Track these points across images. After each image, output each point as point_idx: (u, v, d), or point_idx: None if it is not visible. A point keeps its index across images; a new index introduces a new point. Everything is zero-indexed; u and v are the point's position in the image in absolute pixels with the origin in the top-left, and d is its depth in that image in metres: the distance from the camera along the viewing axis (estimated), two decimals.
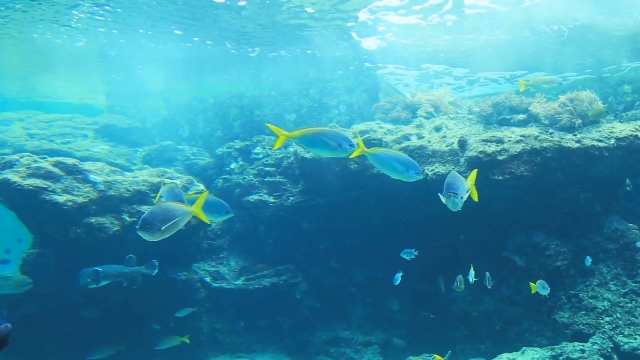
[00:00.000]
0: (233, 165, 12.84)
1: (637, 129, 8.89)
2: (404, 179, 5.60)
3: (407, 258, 8.80)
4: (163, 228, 5.26)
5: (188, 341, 9.71)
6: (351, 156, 5.31)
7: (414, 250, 8.82)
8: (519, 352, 8.48)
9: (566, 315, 8.92)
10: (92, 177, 9.76)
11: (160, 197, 6.73)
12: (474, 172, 5.47)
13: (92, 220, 9.39)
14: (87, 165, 10.05)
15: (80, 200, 9.32)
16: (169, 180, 9.57)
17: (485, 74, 14.29)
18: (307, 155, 10.42)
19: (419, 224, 10.28)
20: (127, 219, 9.76)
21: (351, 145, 5.41)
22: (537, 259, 9.33)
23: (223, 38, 12.88)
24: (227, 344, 11.27)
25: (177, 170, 12.68)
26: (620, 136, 8.78)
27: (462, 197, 4.97)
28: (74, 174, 9.62)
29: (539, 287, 7.70)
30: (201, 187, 11.22)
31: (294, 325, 11.58)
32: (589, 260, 8.82)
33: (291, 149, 11.42)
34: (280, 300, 11.34)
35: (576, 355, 8.03)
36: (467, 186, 5.18)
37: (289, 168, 11.88)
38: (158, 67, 15.10)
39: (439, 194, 5.13)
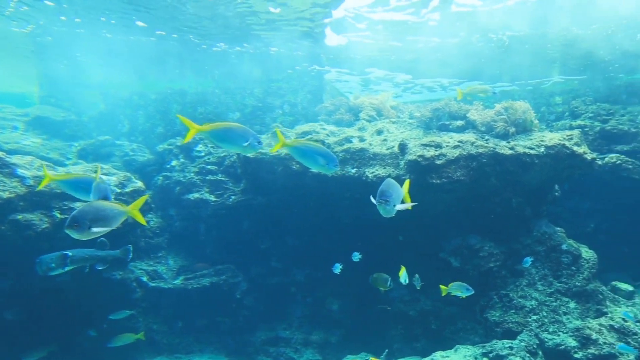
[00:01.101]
0: (174, 163, 12.52)
1: (564, 138, 9.38)
2: (323, 171, 5.65)
3: (355, 260, 8.87)
4: (93, 227, 5.03)
5: (143, 338, 9.61)
6: (272, 150, 5.29)
7: (358, 253, 8.91)
8: (452, 350, 8.72)
9: (497, 314, 9.28)
10: (20, 171, 9.21)
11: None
12: (407, 182, 5.56)
13: (19, 217, 8.87)
14: (15, 159, 9.49)
15: (5, 195, 8.78)
16: (98, 175, 9.12)
17: (424, 81, 14.59)
18: (249, 155, 10.31)
19: (359, 225, 10.40)
20: (58, 215, 9.27)
21: (259, 143, 5.40)
22: (471, 260, 9.66)
23: (168, 29, 12.47)
24: (164, 345, 10.97)
25: (115, 166, 12.20)
26: (550, 144, 9.24)
27: (394, 205, 5.03)
28: (0, 168, 9.05)
29: (453, 289, 7.70)
30: (139, 184, 10.85)
31: (234, 325, 11.45)
32: (527, 261, 9.20)
33: None
34: (220, 300, 11.18)
35: (505, 352, 8.38)
36: (402, 194, 5.25)
37: (231, 167, 11.72)
38: (97, 58, 14.47)
39: (371, 198, 5.20)
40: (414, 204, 5.31)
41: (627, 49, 11.96)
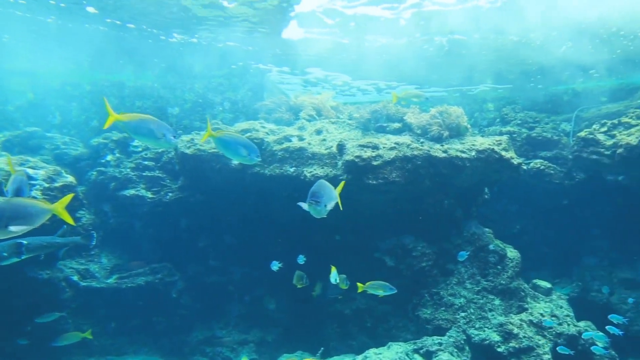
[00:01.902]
0: (109, 158, 12.06)
1: (494, 144, 9.85)
2: (244, 162, 5.66)
3: (301, 263, 8.92)
4: (11, 226, 4.77)
5: (90, 337, 9.28)
6: (201, 140, 5.27)
7: (303, 256, 8.99)
8: (385, 347, 8.97)
9: (428, 312, 9.64)
10: None
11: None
12: (342, 184, 5.67)
13: None
14: None
15: None
16: (11, 165, 8.56)
17: (360, 84, 14.71)
18: (187, 151, 10.13)
19: (298, 224, 10.46)
20: None
21: (175, 136, 5.34)
22: (405, 259, 9.97)
23: (115, 17, 11.86)
24: (95, 347, 10.57)
25: (44, 159, 11.57)
26: (480, 149, 9.69)
27: (325, 206, 5.12)
28: None
29: (372, 288, 7.75)
30: (70, 179, 10.36)
31: (170, 325, 11.23)
32: (463, 255, 9.58)
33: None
34: (155, 300, 10.92)
35: (434, 348, 8.73)
36: (334, 195, 5.34)
37: (169, 163, 11.45)
38: (28, 43, 13.65)
39: (299, 203, 5.28)
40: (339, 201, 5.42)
41: (553, 61, 12.69)
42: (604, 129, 11.08)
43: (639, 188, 10.81)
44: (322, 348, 9.78)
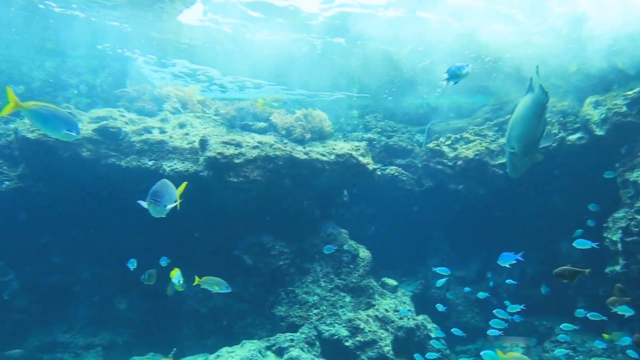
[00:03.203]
0: None
1: (353, 149, 10.40)
2: (62, 138, 5.30)
3: (164, 265, 8.50)
4: None
5: None
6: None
7: (167, 258, 8.62)
8: (239, 345, 8.99)
9: (283, 309, 9.84)
10: None
11: None
12: (184, 184, 5.57)
13: None
14: None
15: None
16: None
17: (226, 79, 14.39)
18: (30, 136, 9.14)
19: (155, 220, 10.02)
20: None
21: (77, 133, 5.02)
22: (263, 258, 10.08)
23: None
24: None
25: None
26: (340, 153, 10.16)
27: (165, 206, 5.04)
28: None
29: (207, 284, 7.48)
30: None
31: (1, 331, 10.01)
32: (330, 248, 10.01)
33: (12, 125, 9.86)
34: None
35: (286, 344, 8.94)
36: (175, 195, 5.27)
37: (7, 147, 10.20)
38: None
39: (139, 201, 5.12)
40: (179, 201, 5.33)
41: (414, 75, 13.73)
42: (449, 142, 12.31)
43: (475, 197, 12.17)
44: (174, 349, 9.47)
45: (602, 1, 10.15)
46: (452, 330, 9.77)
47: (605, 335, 8.83)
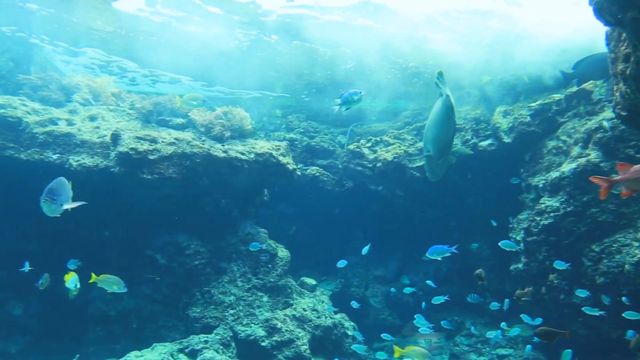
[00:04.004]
0: None
1: (273, 148, 10.33)
2: None
3: (72, 268, 7.92)
4: None
5: None
6: None
7: (77, 260, 8.08)
8: (149, 349, 8.62)
9: (198, 310, 9.57)
10: None
11: None
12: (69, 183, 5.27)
13: None
14: None
15: None
16: None
17: (141, 72, 13.79)
18: None
19: (59, 218, 9.40)
20: None
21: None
22: (178, 257, 9.75)
23: None
24: None
25: None
26: (260, 152, 10.05)
27: (62, 205, 4.77)
28: None
29: (102, 282, 7.15)
30: None
31: None
32: (256, 245, 9.73)
33: None
34: None
35: (200, 346, 8.71)
36: (71, 194, 5.01)
37: None
38: None
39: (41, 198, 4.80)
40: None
41: (337, 77, 13.91)
42: (369, 144, 12.57)
43: (393, 198, 12.52)
44: (77, 355, 8.91)
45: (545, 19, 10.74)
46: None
47: (506, 328, 9.39)
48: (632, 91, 4.33)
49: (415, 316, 9.19)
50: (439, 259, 7.86)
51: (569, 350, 7.53)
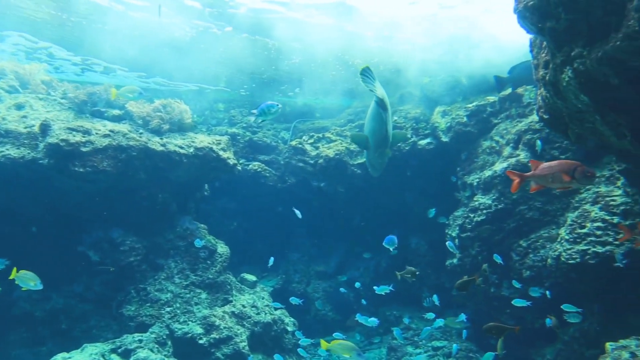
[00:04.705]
0: None
1: (213, 143, 10.16)
2: None
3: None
4: None
5: None
6: None
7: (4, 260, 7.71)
8: (79, 350, 8.27)
9: (133, 309, 9.27)
10: None
11: None
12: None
13: None
14: None
15: None
16: None
17: (73, 59, 13.11)
18: None
19: None
20: None
21: None
22: (112, 254, 9.40)
23: None
24: None
25: None
26: (199, 146, 9.85)
27: None
28: None
29: (21, 279, 6.78)
30: None
31: None
32: (199, 242, 9.40)
33: None
34: None
35: (134, 345, 8.44)
36: None
37: None
38: None
39: None
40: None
41: (279, 72, 13.82)
42: (312, 140, 12.62)
43: (335, 195, 12.64)
44: None
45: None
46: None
47: (447, 319, 9.72)
48: (550, 95, 4.59)
49: (357, 315, 9.44)
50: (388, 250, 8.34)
51: (491, 353, 7.81)
